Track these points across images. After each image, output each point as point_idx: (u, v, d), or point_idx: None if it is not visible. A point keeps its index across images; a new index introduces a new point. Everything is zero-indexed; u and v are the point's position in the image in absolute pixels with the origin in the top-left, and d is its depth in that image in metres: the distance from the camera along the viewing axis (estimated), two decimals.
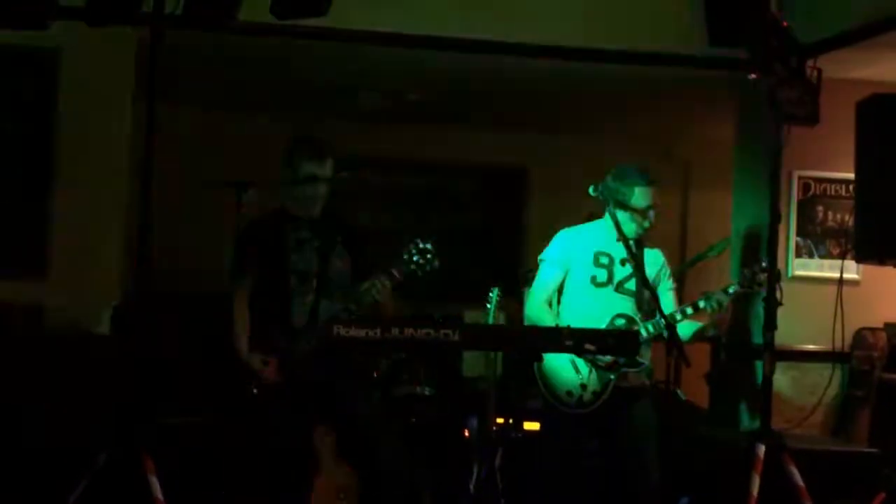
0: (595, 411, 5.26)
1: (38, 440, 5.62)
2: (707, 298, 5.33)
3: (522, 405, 6.75)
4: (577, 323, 5.24)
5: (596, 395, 5.26)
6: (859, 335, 6.78)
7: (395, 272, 4.98)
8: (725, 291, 5.38)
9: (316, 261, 5.10)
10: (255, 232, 5.17)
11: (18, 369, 5.97)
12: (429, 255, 4.96)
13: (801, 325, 6.68)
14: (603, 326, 5.26)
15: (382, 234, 9.50)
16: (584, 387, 5.26)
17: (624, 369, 5.26)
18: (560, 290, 5.48)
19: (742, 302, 6.82)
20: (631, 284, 5.38)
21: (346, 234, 5.23)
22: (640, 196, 5.28)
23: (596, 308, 5.33)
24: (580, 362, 5.24)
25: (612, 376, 5.26)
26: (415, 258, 4.95)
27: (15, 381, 5.93)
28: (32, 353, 5.99)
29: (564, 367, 5.24)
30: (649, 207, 5.30)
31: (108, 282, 6.46)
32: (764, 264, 5.30)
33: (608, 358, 5.17)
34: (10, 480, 5.44)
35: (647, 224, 5.34)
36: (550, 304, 5.43)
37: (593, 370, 5.25)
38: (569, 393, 5.28)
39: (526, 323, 5.59)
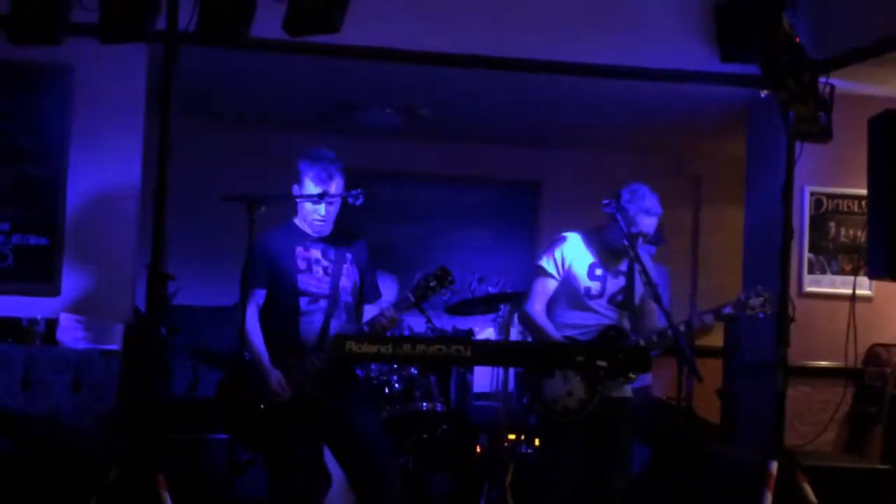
0: (581, 420, 5.26)
1: (50, 455, 5.62)
2: (699, 317, 5.37)
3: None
4: (567, 333, 5.28)
5: (582, 403, 5.25)
6: (872, 351, 6.75)
7: (409, 295, 5.01)
8: (718, 313, 5.38)
9: (325, 282, 5.12)
10: (266, 247, 5.16)
11: (32, 384, 5.98)
12: (446, 282, 5.00)
13: (813, 342, 6.66)
14: (593, 338, 5.28)
15: (394, 249, 9.53)
16: (570, 394, 5.26)
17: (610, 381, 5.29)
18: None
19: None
20: (623, 297, 5.40)
21: (355, 251, 5.25)
22: (646, 222, 5.33)
23: (587, 319, 5.34)
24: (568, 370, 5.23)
25: (600, 386, 5.26)
26: (431, 283, 4.99)
27: (28, 395, 5.95)
28: (45, 367, 6.00)
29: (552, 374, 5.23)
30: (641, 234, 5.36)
31: (121, 297, 6.46)
32: (760, 289, 5.31)
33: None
34: (21, 495, 5.43)
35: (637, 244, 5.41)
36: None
37: (581, 379, 5.25)
38: (554, 400, 5.28)
39: (522, 328, 5.60)
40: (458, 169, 9.84)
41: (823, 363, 6.81)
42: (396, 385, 6.65)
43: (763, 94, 6.65)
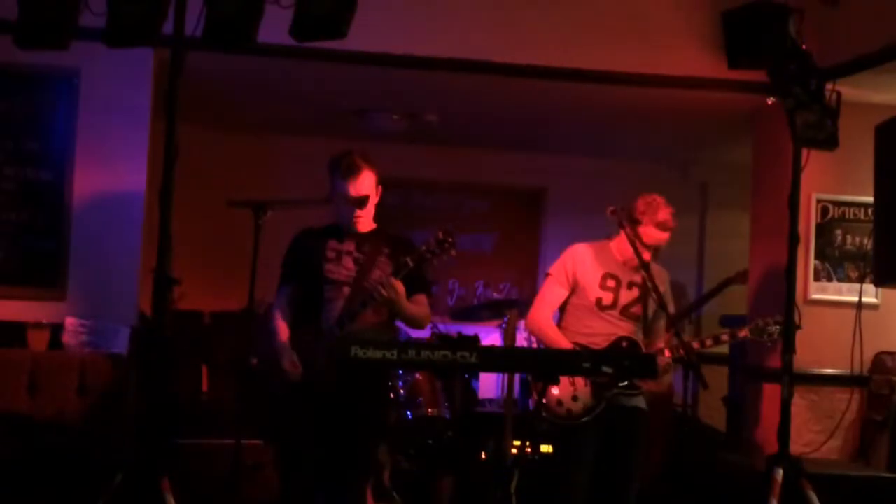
0: (585, 424, 5.24)
1: (56, 459, 5.62)
2: (714, 338, 5.38)
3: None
4: (580, 342, 5.27)
5: (586, 408, 5.24)
6: (878, 359, 6.74)
7: (407, 259, 4.95)
8: (734, 335, 5.39)
9: (352, 271, 5.07)
10: (302, 241, 5.19)
11: (38, 388, 5.98)
12: (446, 245, 4.90)
13: (819, 349, 6.65)
14: (604, 348, 5.27)
15: None
16: (575, 398, 5.24)
17: (619, 390, 5.26)
18: (562, 306, 5.48)
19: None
20: (637, 309, 5.38)
21: (393, 247, 5.17)
22: (657, 235, 5.32)
23: (600, 329, 5.32)
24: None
25: (607, 394, 5.24)
26: (432, 248, 4.90)
27: (34, 399, 5.95)
28: (52, 371, 6.00)
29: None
30: (652, 246, 5.35)
31: (127, 302, 6.47)
32: (777, 318, 5.31)
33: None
34: (27, 499, 5.44)
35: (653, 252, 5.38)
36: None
37: (588, 384, 5.23)
38: (559, 402, 5.26)
39: (529, 333, 5.58)
40: (464, 175, 9.86)
41: (829, 371, 6.80)
42: (402, 391, 6.65)
43: (770, 100, 6.65)
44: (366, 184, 5.09)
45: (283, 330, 5.05)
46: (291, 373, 4.92)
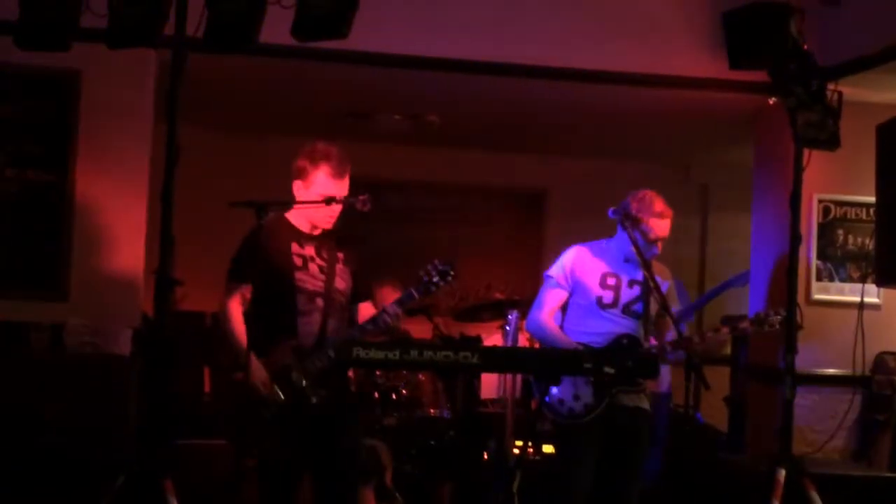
0: (588, 424, 5.24)
1: (58, 461, 5.62)
2: (714, 331, 5.38)
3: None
4: (582, 340, 5.26)
5: (588, 407, 5.23)
6: (880, 359, 6.74)
7: (413, 291, 4.94)
8: (734, 327, 5.39)
9: (321, 280, 4.95)
10: (259, 241, 4.82)
11: (39, 389, 5.98)
12: (448, 277, 4.92)
13: (821, 349, 6.65)
14: (605, 346, 5.26)
15: (402, 255, 9.53)
16: (577, 398, 5.24)
17: (620, 388, 5.26)
18: (564, 307, 5.48)
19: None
20: (638, 307, 5.38)
21: (346, 252, 5.09)
22: (661, 225, 5.31)
23: (601, 328, 5.32)
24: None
25: (610, 393, 5.23)
26: (434, 279, 4.91)
27: (35, 400, 5.95)
28: (53, 373, 6.00)
29: None
30: (660, 239, 5.33)
31: (129, 303, 6.46)
32: (779, 309, 5.30)
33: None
34: (29, 500, 5.44)
35: (654, 251, 5.37)
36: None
37: (590, 383, 5.23)
38: (560, 401, 5.26)
39: (530, 334, 5.58)
40: (466, 176, 9.86)
41: (831, 371, 6.80)
42: (403, 391, 6.65)
43: (771, 101, 6.65)
44: (347, 185, 5.03)
45: (244, 339, 4.76)
46: (264, 395, 4.74)
